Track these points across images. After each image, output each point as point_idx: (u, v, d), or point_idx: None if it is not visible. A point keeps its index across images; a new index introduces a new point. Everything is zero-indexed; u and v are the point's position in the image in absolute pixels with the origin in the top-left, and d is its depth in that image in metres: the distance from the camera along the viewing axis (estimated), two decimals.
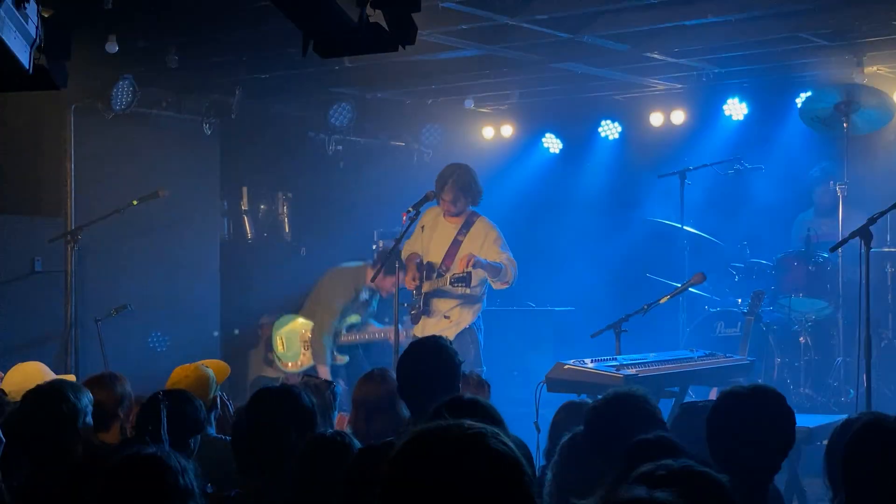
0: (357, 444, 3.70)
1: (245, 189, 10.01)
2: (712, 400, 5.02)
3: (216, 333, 9.39)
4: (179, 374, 5.23)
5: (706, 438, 3.51)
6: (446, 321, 7.80)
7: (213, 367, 5.46)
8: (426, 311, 7.86)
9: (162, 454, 3.21)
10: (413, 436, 2.03)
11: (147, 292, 8.79)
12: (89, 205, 8.40)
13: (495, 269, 7.65)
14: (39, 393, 4.25)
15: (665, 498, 2.19)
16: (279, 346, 9.07)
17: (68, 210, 8.38)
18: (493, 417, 3.55)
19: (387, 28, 4.23)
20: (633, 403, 3.90)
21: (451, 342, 4.66)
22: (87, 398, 4.27)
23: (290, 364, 9.06)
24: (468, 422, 2.03)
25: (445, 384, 4.35)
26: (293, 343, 9.05)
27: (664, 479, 2.45)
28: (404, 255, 7.95)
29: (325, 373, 8.70)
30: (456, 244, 7.88)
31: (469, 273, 7.54)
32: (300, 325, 9.07)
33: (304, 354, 9.02)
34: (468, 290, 7.64)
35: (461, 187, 7.78)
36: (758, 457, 3.47)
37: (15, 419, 4.25)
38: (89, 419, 4.24)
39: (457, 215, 7.94)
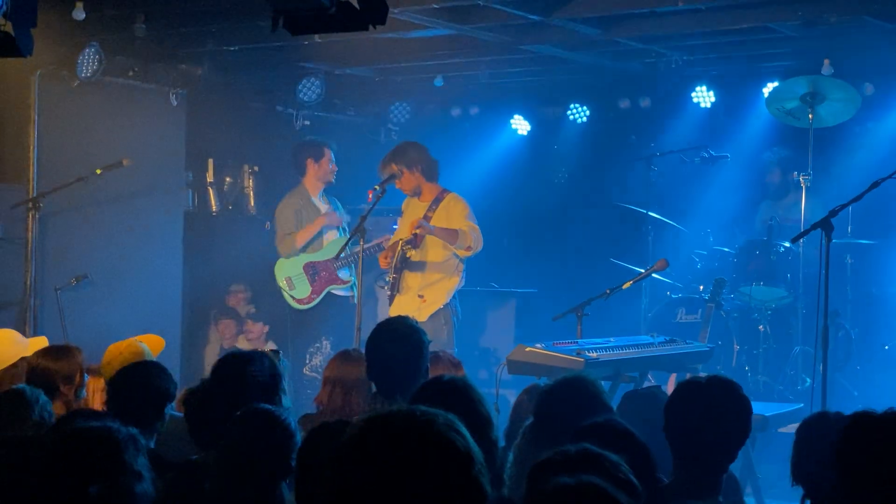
0: (290, 418, 3.64)
1: (211, 161, 9.94)
2: (654, 386, 5.09)
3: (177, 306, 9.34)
4: (113, 352, 5.17)
5: (664, 427, 3.55)
6: (419, 300, 7.83)
7: (148, 342, 5.41)
8: (398, 288, 7.88)
9: (95, 427, 3.15)
10: (363, 421, 2.01)
11: (109, 262, 8.72)
12: (52, 172, 8.31)
13: (450, 234, 7.71)
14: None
15: (592, 481, 2.20)
16: (286, 286, 8.76)
17: (31, 177, 8.29)
18: (470, 397, 3.55)
19: (357, 7, 4.22)
20: (581, 389, 3.92)
21: (418, 323, 4.66)
22: None
23: (304, 299, 8.71)
24: (422, 408, 2.02)
25: (414, 365, 4.37)
26: (297, 276, 8.75)
27: (563, 465, 2.46)
28: (391, 242, 8.09)
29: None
30: (425, 220, 7.90)
31: (415, 235, 7.69)
32: (293, 260, 8.77)
33: (309, 281, 8.76)
34: (413, 251, 7.74)
35: (405, 162, 7.87)
36: (714, 446, 3.52)
37: None
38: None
39: (416, 195, 7.99)
